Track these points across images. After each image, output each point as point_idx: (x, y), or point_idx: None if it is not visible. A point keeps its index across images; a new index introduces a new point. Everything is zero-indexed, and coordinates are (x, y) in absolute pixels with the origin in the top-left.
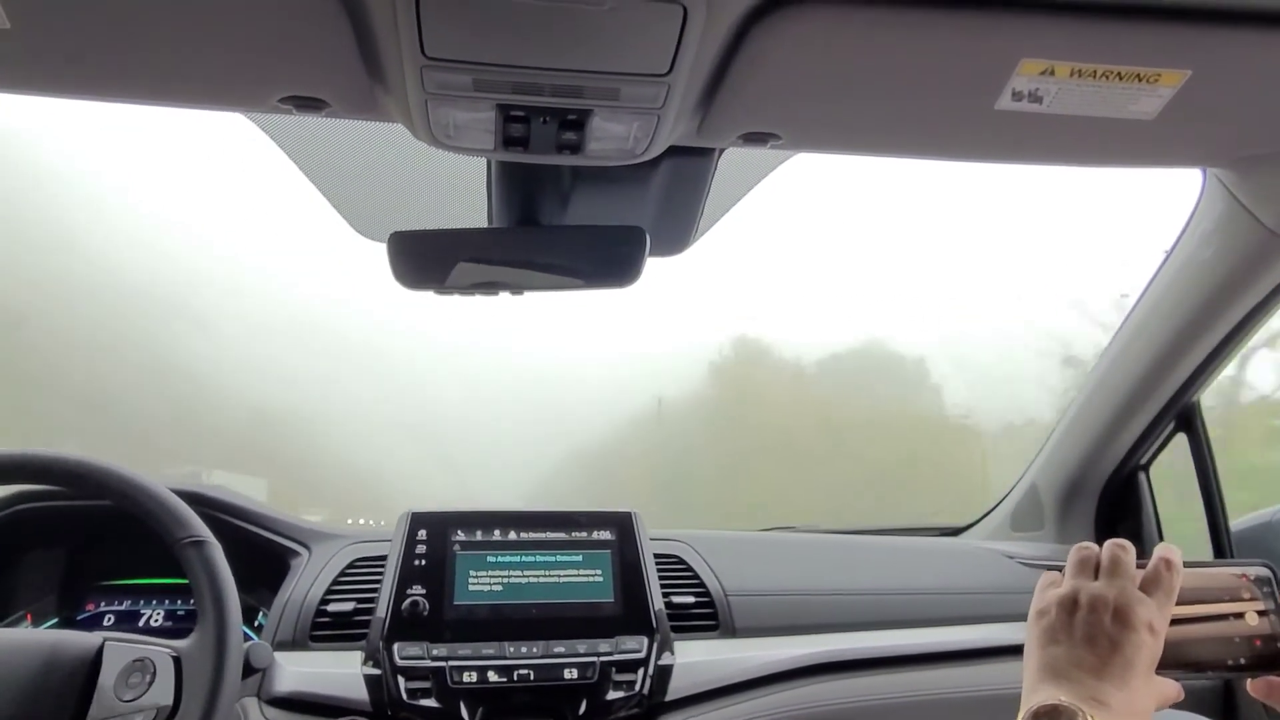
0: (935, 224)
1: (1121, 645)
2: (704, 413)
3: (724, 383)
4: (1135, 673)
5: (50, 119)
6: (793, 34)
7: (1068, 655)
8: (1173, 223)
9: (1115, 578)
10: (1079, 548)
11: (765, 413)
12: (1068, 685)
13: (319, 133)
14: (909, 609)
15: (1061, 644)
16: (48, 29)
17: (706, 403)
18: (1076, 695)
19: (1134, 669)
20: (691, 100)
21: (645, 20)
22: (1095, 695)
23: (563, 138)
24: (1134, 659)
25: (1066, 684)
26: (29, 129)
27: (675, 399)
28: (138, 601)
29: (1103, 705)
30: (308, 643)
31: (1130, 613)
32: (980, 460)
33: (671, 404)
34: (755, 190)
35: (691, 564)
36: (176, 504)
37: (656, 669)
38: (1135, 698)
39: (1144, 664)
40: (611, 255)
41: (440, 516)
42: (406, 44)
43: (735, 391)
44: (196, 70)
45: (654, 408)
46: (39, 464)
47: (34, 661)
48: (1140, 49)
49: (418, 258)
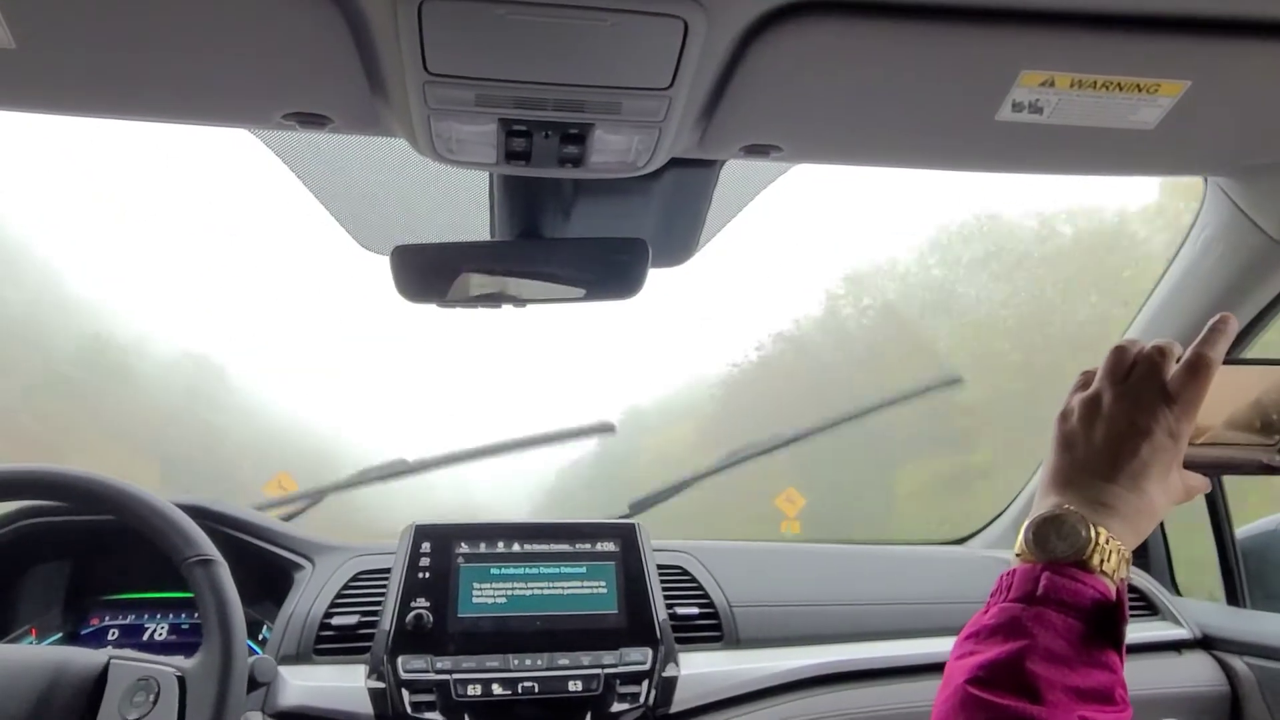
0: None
1: (1137, 449)
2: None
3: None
4: (1149, 475)
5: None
6: (793, 47)
7: (1083, 459)
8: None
9: (1142, 381)
10: (1116, 347)
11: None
12: (1073, 491)
13: (323, 148)
14: (914, 619)
15: (1078, 448)
16: (54, 49)
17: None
18: (1082, 500)
19: (1148, 472)
20: (693, 113)
21: (646, 35)
22: (1102, 499)
23: (564, 151)
24: (1150, 461)
25: (1073, 490)
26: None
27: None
28: (142, 615)
29: (1108, 508)
30: (312, 656)
31: (1151, 417)
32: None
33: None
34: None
35: (695, 575)
36: (183, 521)
37: (661, 680)
38: (1146, 499)
39: (1160, 466)
40: (614, 267)
41: (444, 529)
42: (409, 61)
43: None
44: (202, 88)
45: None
46: (50, 481)
47: (40, 679)
48: (1140, 59)
49: (421, 271)
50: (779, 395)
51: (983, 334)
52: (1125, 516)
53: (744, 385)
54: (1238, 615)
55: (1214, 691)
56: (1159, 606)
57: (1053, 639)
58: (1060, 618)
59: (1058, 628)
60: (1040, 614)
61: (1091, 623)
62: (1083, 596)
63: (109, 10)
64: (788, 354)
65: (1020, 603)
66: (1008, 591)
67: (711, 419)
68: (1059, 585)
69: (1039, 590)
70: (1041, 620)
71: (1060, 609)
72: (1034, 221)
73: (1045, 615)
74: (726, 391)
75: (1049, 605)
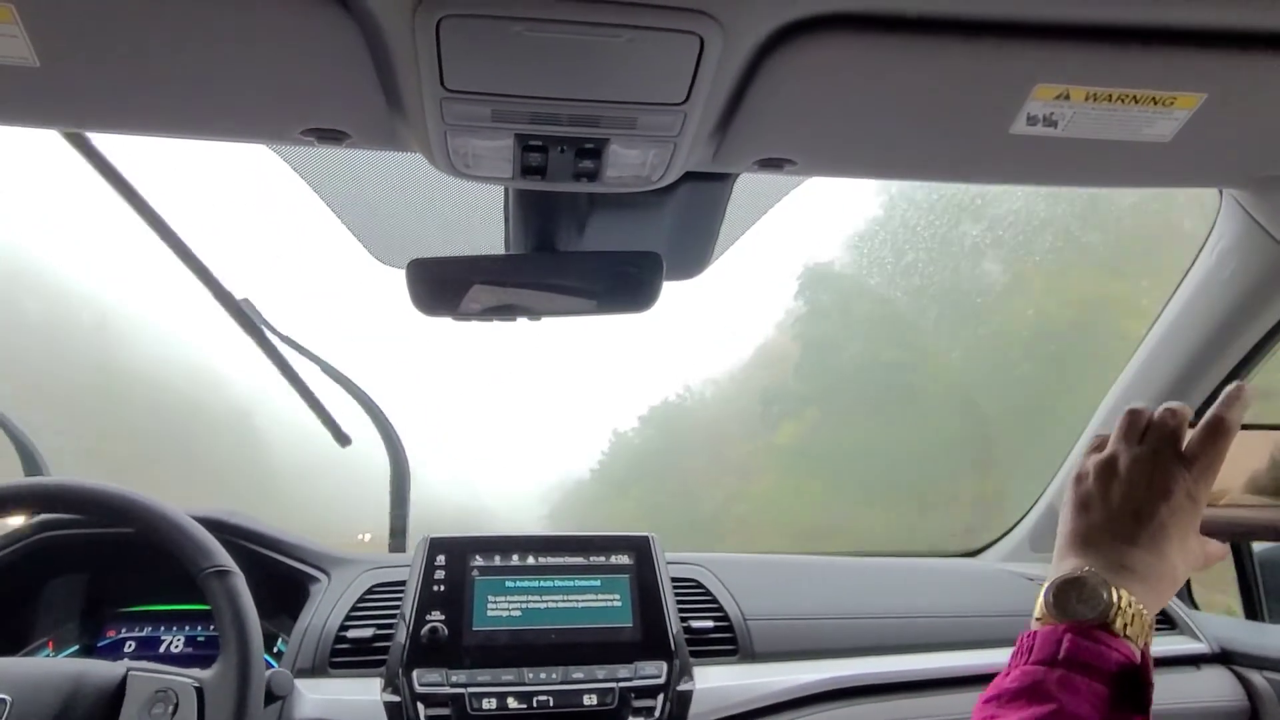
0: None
1: (1156, 510)
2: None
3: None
4: (1169, 538)
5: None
6: (807, 63)
7: (1101, 521)
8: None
9: (1159, 444)
10: (1130, 409)
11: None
12: (1094, 553)
13: (339, 163)
14: (929, 632)
15: (1095, 510)
16: (76, 67)
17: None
18: (1103, 563)
19: (1167, 534)
20: (707, 128)
21: (662, 51)
22: (1123, 561)
23: (580, 166)
24: (1168, 524)
25: (1094, 552)
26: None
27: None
28: (158, 628)
29: (1129, 571)
30: (327, 669)
31: (1169, 481)
32: None
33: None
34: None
35: (710, 588)
36: (200, 533)
37: (676, 694)
38: (1167, 563)
39: (1179, 529)
40: (628, 280)
41: (459, 541)
42: (426, 77)
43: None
44: (222, 105)
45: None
46: (66, 494)
47: (59, 692)
48: (1155, 73)
49: (436, 284)
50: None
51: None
52: (1146, 580)
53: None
54: (1257, 630)
55: (1233, 706)
56: (1177, 621)
57: (1079, 704)
58: (1086, 682)
59: (1083, 693)
60: (1065, 678)
61: (1117, 688)
62: (1107, 660)
63: (131, 29)
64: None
65: (1043, 665)
66: (1029, 654)
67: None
68: (1083, 648)
69: (1062, 653)
70: (1067, 685)
71: (1085, 672)
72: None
73: (1071, 680)
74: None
75: (1073, 669)
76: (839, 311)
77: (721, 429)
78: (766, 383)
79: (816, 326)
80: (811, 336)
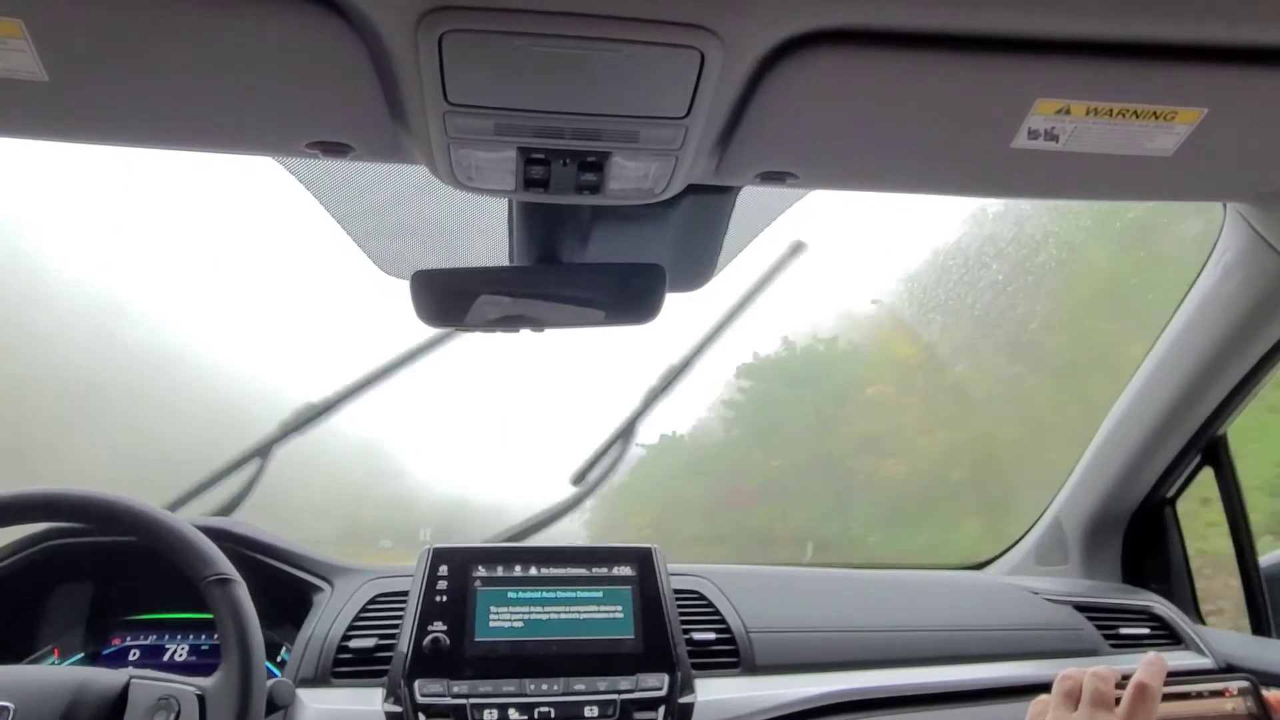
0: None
1: None
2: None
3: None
4: None
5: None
6: (809, 76)
7: None
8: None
9: (1094, 710)
10: (1063, 677)
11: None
12: None
13: (344, 175)
14: (932, 646)
15: None
16: (84, 82)
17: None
18: None
19: None
20: (709, 141)
21: (664, 65)
22: None
23: (582, 179)
24: None
25: None
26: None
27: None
28: (162, 636)
29: None
30: (329, 679)
31: None
32: None
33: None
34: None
35: (712, 600)
36: (202, 542)
37: (677, 707)
38: None
39: None
40: (631, 292)
41: (461, 552)
42: (430, 91)
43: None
44: (229, 119)
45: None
46: (70, 503)
47: (61, 700)
48: (1156, 88)
49: (440, 295)
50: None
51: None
52: None
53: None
54: (1262, 645)
55: None
56: (1182, 636)
57: None
58: None
59: None
60: None
61: None
62: None
63: (138, 44)
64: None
65: None
66: None
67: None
68: None
69: None
70: None
71: None
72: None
73: None
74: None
75: None
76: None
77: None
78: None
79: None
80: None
